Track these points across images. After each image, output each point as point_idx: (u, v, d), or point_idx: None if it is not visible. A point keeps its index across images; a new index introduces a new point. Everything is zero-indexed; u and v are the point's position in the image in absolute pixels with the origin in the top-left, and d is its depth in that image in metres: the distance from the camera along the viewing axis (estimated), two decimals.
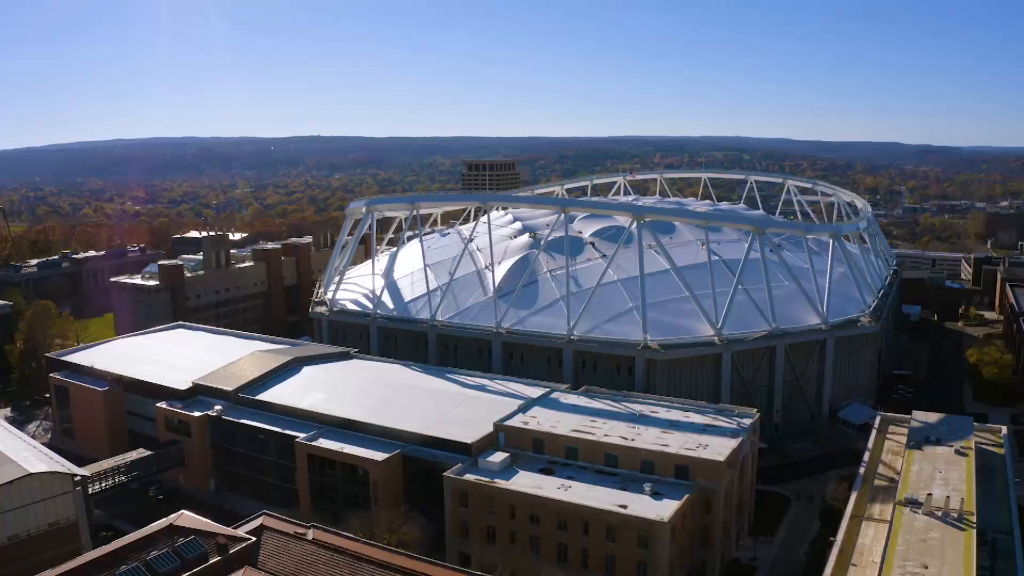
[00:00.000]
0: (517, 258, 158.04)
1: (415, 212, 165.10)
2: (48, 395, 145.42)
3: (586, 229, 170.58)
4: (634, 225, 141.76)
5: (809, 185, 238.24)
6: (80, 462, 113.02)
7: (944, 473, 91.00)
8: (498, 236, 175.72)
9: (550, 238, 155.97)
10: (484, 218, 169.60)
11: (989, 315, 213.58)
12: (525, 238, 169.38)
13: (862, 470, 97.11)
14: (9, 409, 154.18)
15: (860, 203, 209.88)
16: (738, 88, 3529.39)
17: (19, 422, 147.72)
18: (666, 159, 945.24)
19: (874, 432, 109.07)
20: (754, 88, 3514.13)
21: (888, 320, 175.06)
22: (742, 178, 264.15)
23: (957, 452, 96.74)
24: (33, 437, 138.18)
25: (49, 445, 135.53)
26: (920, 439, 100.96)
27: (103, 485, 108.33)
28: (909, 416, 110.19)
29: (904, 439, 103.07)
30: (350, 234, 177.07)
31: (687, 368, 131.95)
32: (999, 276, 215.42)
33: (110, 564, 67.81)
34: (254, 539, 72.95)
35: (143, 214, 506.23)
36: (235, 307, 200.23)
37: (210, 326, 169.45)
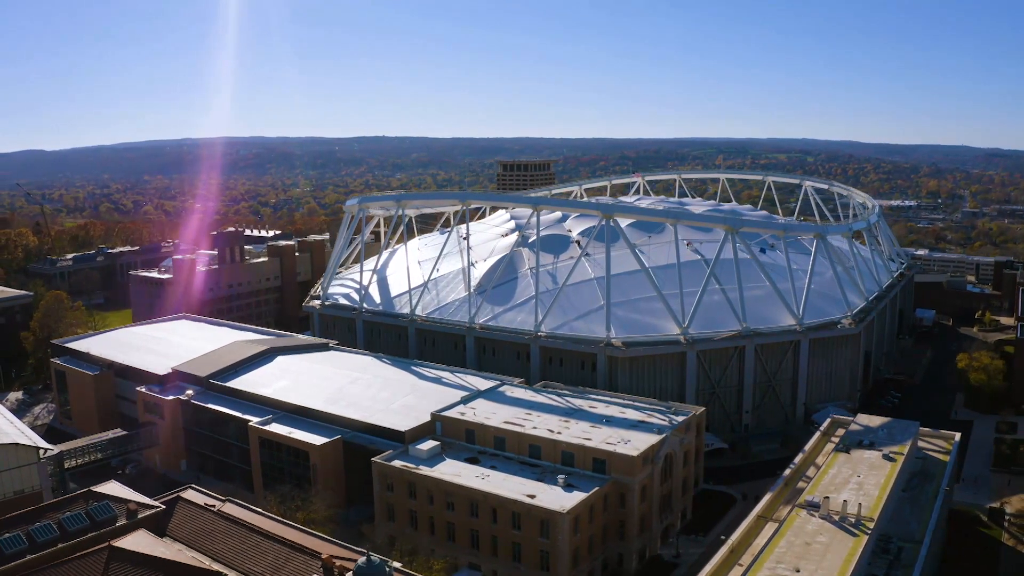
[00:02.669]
0: (499, 256, 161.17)
1: (400, 210, 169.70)
2: None
3: (576, 228, 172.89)
4: (602, 223, 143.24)
5: (825, 186, 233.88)
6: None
7: (861, 478, 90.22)
8: (491, 235, 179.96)
9: (533, 237, 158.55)
10: (478, 217, 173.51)
11: (1006, 320, 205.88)
12: (514, 237, 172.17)
13: (787, 471, 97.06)
14: (21, 392, 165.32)
15: (870, 203, 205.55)
16: (806, 90, 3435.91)
17: (28, 404, 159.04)
18: (728, 161, 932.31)
19: (816, 434, 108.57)
20: (822, 90, 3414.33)
21: (885, 323, 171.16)
22: (760, 178, 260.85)
23: (885, 457, 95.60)
24: (37, 418, 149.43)
25: (50, 425, 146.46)
26: (852, 442, 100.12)
27: (78, 461, 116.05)
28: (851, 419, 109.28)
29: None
30: (354, 231, 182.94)
31: (650, 366, 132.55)
32: (1017, 280, 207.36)
33: (26, 521, 74.44)
34: (163, 508, 78.91)
35: (201, 211, 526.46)
36: (247, 301, 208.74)
37: (215, 318, 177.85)
